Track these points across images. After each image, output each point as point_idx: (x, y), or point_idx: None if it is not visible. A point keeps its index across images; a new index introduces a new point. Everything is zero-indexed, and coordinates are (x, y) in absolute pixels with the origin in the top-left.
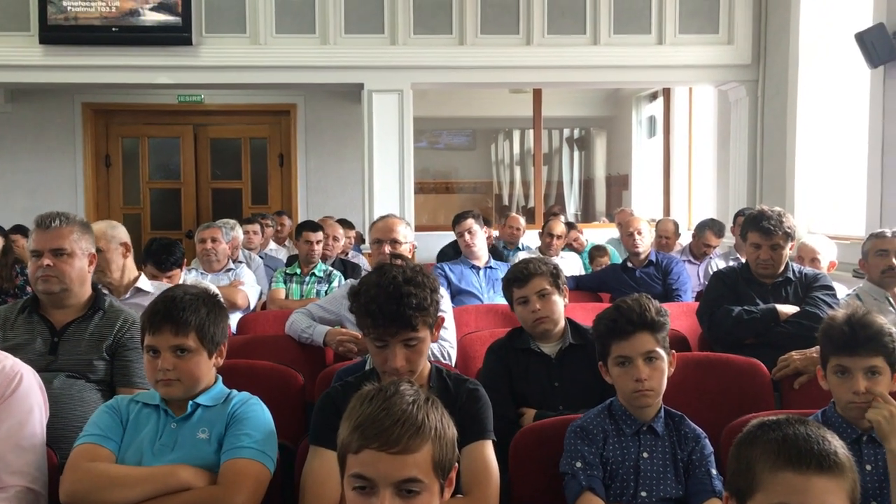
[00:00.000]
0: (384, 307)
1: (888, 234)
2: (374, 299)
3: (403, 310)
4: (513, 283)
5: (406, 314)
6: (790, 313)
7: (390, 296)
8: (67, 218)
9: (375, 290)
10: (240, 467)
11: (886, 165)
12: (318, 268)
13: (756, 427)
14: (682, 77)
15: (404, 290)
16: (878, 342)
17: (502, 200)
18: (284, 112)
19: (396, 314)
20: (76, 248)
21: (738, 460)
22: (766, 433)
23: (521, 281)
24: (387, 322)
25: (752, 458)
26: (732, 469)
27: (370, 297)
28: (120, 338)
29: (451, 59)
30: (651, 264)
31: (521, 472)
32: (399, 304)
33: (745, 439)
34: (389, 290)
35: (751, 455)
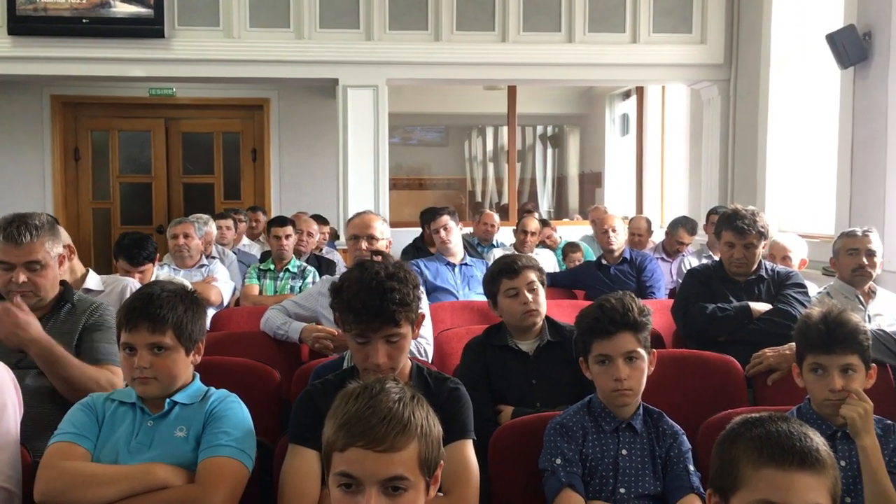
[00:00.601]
0: (367, 302)
1: (859, 234)
2: (357, 294)
3: (386, 305)
4: (503, 275)
5: (389, 309)
6: (763, 311)
7: (373, 291)
8: (37, 227)
9: (358, 286)
10: (218, 465)
11: (856, 165)
12: (291, 264)
13: (739, 424)
14: (656, 76)
15: (387, 286)
16: (854, 340)
17: (475, 197)
18: (258, 106)
19: (379, 309)
20: (49, 257)
21: (722, 457)
22: (749, 430)
23: (512, 273)
24: (369, 317)
25: (736, 456)
26: (716, 466)
27: (353, 293)
28: (85, 323)
29: (427, 55)
30: (625, 261)
31: (499, 470)
32: (382, 300)
33: (728, 437)
34: (372, 285)
35: (734, 452)
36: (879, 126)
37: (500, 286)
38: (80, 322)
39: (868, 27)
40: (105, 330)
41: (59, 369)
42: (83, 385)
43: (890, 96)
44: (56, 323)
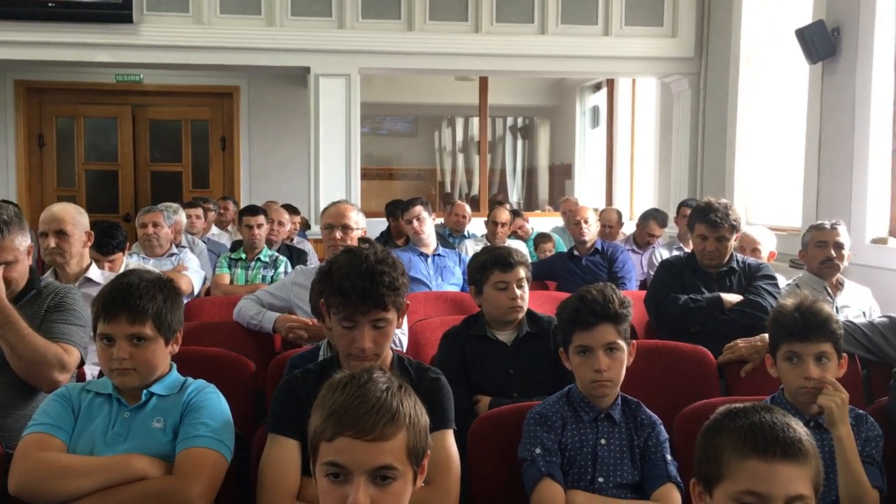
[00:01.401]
0: (357, 285)
1: (827, 226)
2: (347, 276)
3: (376, 287)
4: (496, 266)
5: (379, 292)
6: (734, 302)
7: (363, 274)
8: (6, 223)
9: (348, 269)
10: (196, 456)
11: (823, 159)
12: (263, 253)
13: (723, 415)
14: (627, 68)
15: (377, 269)
16: (827, 329)
17: (445, 188)
18: (227, 94)
19: (369, 292)
20: (20, 253)
21: (706, 448)
22: (733, 421)
23: (506, 266)
24: (359, 300)
25: (719, 446)
26: (699, 456)
27: (343, 275)
28: (48, 305)
29: (399, 44)
30: (597, 252)
31: (479, 460)
32: (372, 282)
33: (712, 427)
34: (362, 268)
35: (718, 443)
36: (846, 121)
37: (490, 277)
38: (42, 305)
39: (836, 23)
40: (65, 311)
41: (7, 332)
42: (30, 355)
43: (857, 91)
44: (19, 308)
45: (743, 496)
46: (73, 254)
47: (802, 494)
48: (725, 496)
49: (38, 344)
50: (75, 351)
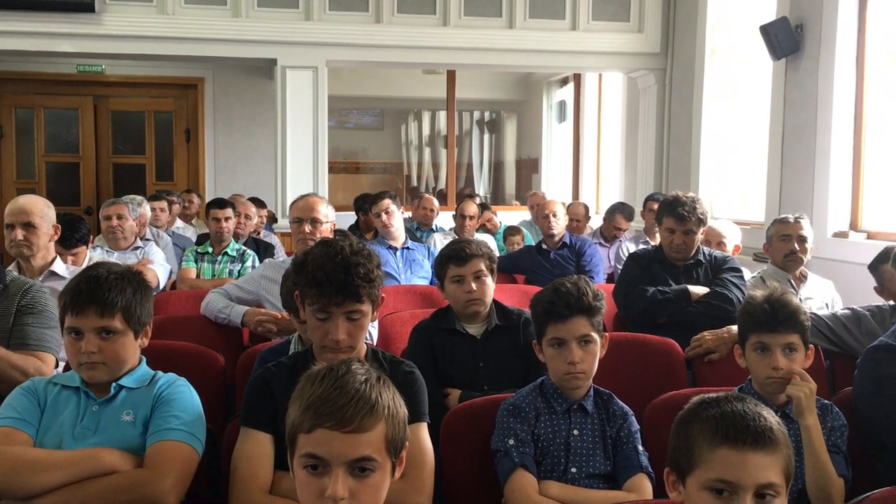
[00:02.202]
0: (332, 276)
1: (791, 220)
2: (322, 267)
3: (351, 279)
4: (450, 261)
5: (353, 283)
6: (701, 294)
7: (339, 265)
8: None
9: (323, 259)
10: (167, 449)
11: (786, 154)
12: (230, 247)
13: (696, 404)
14: (594, 63)
15: (352, 261)
16: (795, 320)
17: (412, 182)
18: (191, 86)
19: (344, 283)
20: None
21: (679, 437)
22: (705, 410)
23: (460, 260)
24: (333, 291)
25: (692, 435)
26: (673, 446)
27: (318, 266)
28: (19, 303)
29: (367, 37)
30: (565, 246)
31: (451, 452)
32: (347, 273)
33: (685, 417)
34: (337, 259)
35: (690, 432)
36: (809, 116)
37: (448, 271)
38: (13, 303)
39: (800, 20)
40: (38, 314)
41: None
42: (9, 375)
43: (820, 88)
44: None
45: (714, 484)
46: (41, 247)
47: (773, 482)
48: (697, 484)
49: (16, 362)
50: (52, 358)
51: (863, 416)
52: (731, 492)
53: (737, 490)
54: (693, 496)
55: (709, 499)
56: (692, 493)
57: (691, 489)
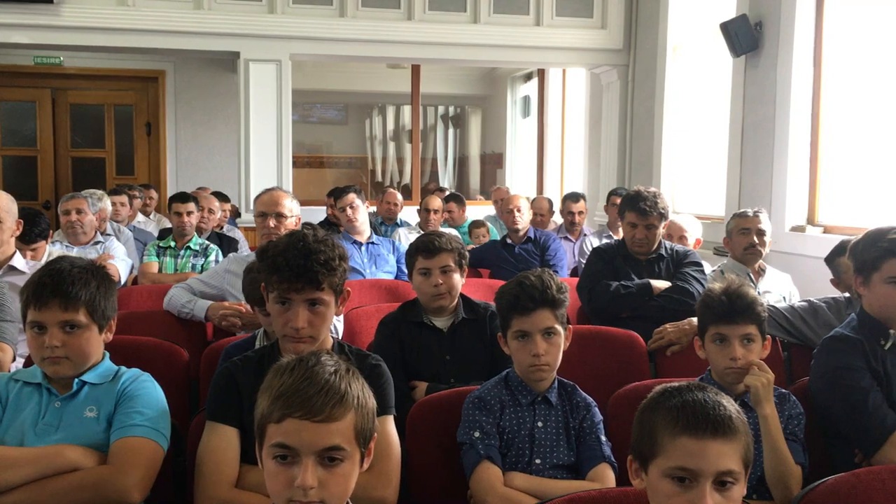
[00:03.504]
0: (292, 261)
1: (750, 214)
2: (283, 253)
3: (311, 264)
4: (419, 253)
5: (313, 269)
6: (663, 288)
7: (299, 251)
8: None
9: (285, 246)
10: (132, 446)
11: (745, 150)
12: (193, 241)
13: (658, 394)
14: (558, 59)
15: (313, 247)
16: (753, 311)
17: (376, 176)
18: (152, 78)
19: (303, 268)
20: None
21: (641, 426)
22: (667, 400)
23: (428, 252)
24: (293, 276)
25: (654, 424)
26: (636, 435)
27: (279, 251)
28: None
29: (331, 30)
30: (529, 241)
31: (418, 445)
32: (307, 259)
33: (647, 406)
34: (299, 246)
35: (652, 421)
36: (768, 112)
37: (416, 263)
38: None
39: (759, 17)
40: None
41: None
42: None
43: (778, 85)
44: None
45: (675, 472)
46: (3, 241)
47: (732, 470)
48: (659, 472)
49: None
50: (9, 349)
51: (819, 404)
52: (692, 479)
53: (697, 477)
54: (655, 483)
55: (670, 486)
56: (654, 481)
57: (653, 476)
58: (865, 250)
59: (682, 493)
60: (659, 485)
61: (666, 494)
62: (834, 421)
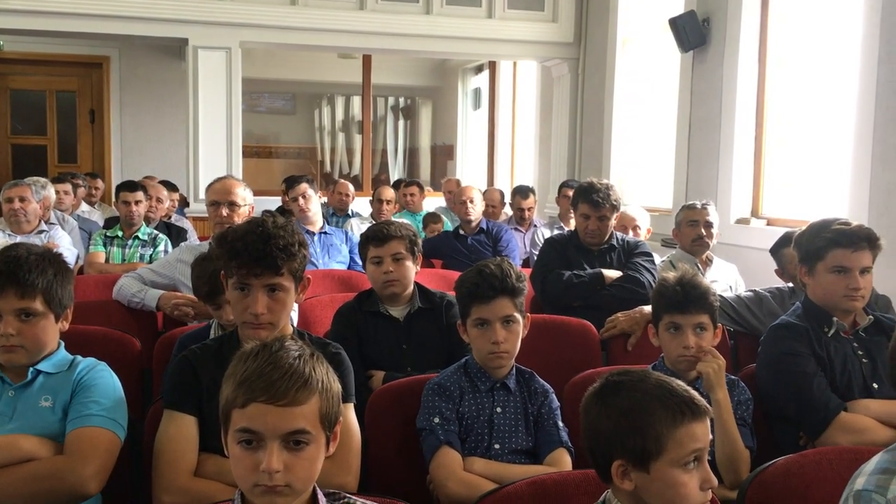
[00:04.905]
0: (251, 246)
1: (698, 206)
2: (242, 238)
3: (270, 249)
4: (370, 241)
5: (272, 254)
6: (615, 277)
7: (259, 236)
8: None
9: (244, 232)
10: (89, 436)
11: (693, 144)
12: (141, 231)
13: (641, 392)
14: (509, 51)
15: (273, 232)
16: (705, 300)
17: (325, 167)
18: (96, 64)
19: (262, 253)
20: None
21: (636, 427)
22: (651, 394)
23: (378, 241)
24: (251, 261)
25: (650, 424)
26: (628, 437)
27: (237, 237)
28: None
29: (282, 18)
30: (482, 231)
31: (376, 432)
32: (266, 244)
33: (634, 407)
34: (258, 231)
35: (647, 422)
36: (714, 107)
37: (368, 252)
38: None
39: (707, 14)
40: None
41: None
42: None
43: (724, 80)
44: None
45: (687, 458)
46: None
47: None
48: (668, 466)
49: None
50: None
51: (766, 390)
52: (699, 459)
53: (701, 456)
54: (665, 477)
55: (682, 474)
56: (662, 475)
57: (660, 472)
58: (810, 240)
59: (694, 474)
60: (670, 476)
61: (681, 483)
62: (780, 405)
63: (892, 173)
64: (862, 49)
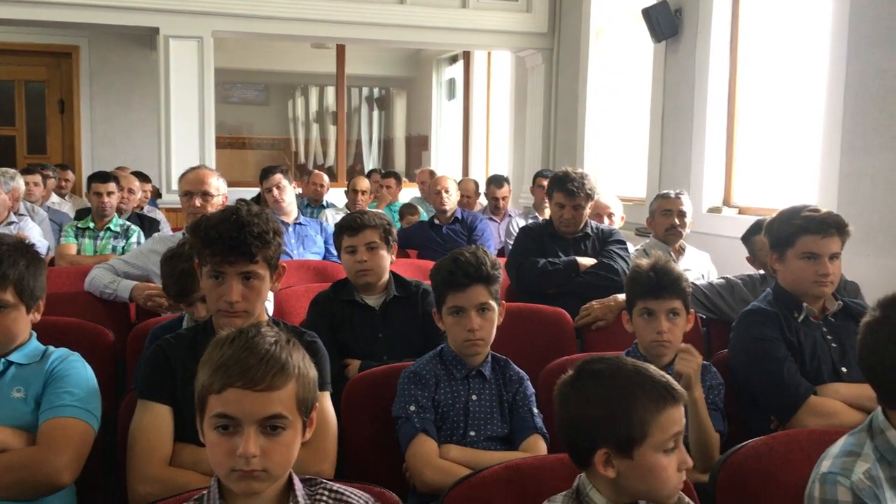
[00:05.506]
0: (224, 234)
1: (672, 195)
2: (216, 226)
3: (244, 236)
4: (344, 231)
5: (246, 241)
6: (589, 265)
7: (232, 224)
8: None
9: (218, 219)
10: (62, 426)
11: (666, 134)
12: (113, 222)
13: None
14: (483, 41)
15: (247, 220)
16: (678, 286)
17: (300, 158)
18: (65, 54)
19: (236, 240)
20: None
21: (621, 415)
22: (631, 382)
23: (352, 230)
24: (226, 249)
25: (634, 410)
26: (613, 425)
27: (211, 225)
28: None
29: (255, 8)
30: (457, 221)
31: (353, 420)
32: (240, 231)
33: (617, 395)
34: (232, 219)
35: (631, 408)
36: (686, 97)
37: (343, 241)
38: None
39: (679, 4)
40: None
41: None
42: None
43: (697, 70)
44: None
45: (668, 443)
46: None
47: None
48: (652, 450)
49: None
50: None
51: (738, 374)
52: (677, 443)
53: (678, 440)
54: (649, 462)
55: (664, 457)
56: (647, 460)
57: (645, 457)
58: (781, 227)
59: (673, 457)
60: (653, 461)
61: (662, 467)
62: (751, 389)
63: (861, 161)
64: (831, 39)
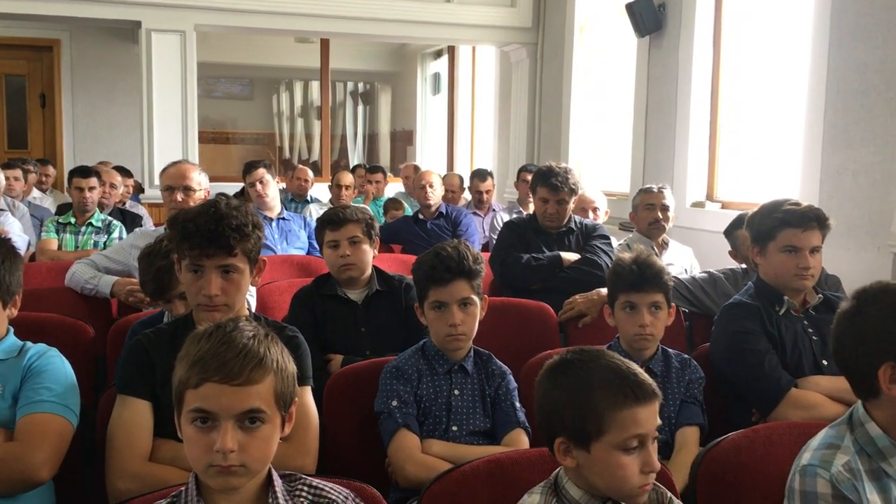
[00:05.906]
0: (203, 227)
1: (655, 190)
2: (194, 219)
3: (222, 229)
4: (326, 225)
5: (224, 234)
6: (573, 260)
7: (211, 216)
8: None
9: (195, 213)
10: (40, 422)
11: (649, 128)
12: (95, 217)
13: (588, 372)
14: (468, 36)
15: (225, 213)
16: (660, 280)
17: (284, 153)
18: (46, 48)
19: (215, 233)
20: None
21: (578, 406)
22: (594, 376)
23: (334, 224)
24: (204, 241)
25: (594, 403)
26: (570, 415)
27: (189, 218)
28: None
29: (238, 1)
30: (441, 216)
31: (335, 416)
32: (218, 224)
33: (578, 386)
34: (210, 212)
35: (591, 401)
36: (670, 92)
37: (325, 236)
38: None
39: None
40: None
41: None
42: None
43: (680, 65)
44: None
45: (629, 442)
46: None
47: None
48: (608, 447)
49: None
50: None
51: (719, 367)
52: (641, 443)
53: (644, 440)
54: (604, 458)
55: (623, 456)
56: (602, 456)
57: (600, 452)
58: (762, 221)
59: (635, 458)
60: (610, 458)
61: (620, 465)
62: (733, 383)
63: (842, 156)
64: (813, 34)
